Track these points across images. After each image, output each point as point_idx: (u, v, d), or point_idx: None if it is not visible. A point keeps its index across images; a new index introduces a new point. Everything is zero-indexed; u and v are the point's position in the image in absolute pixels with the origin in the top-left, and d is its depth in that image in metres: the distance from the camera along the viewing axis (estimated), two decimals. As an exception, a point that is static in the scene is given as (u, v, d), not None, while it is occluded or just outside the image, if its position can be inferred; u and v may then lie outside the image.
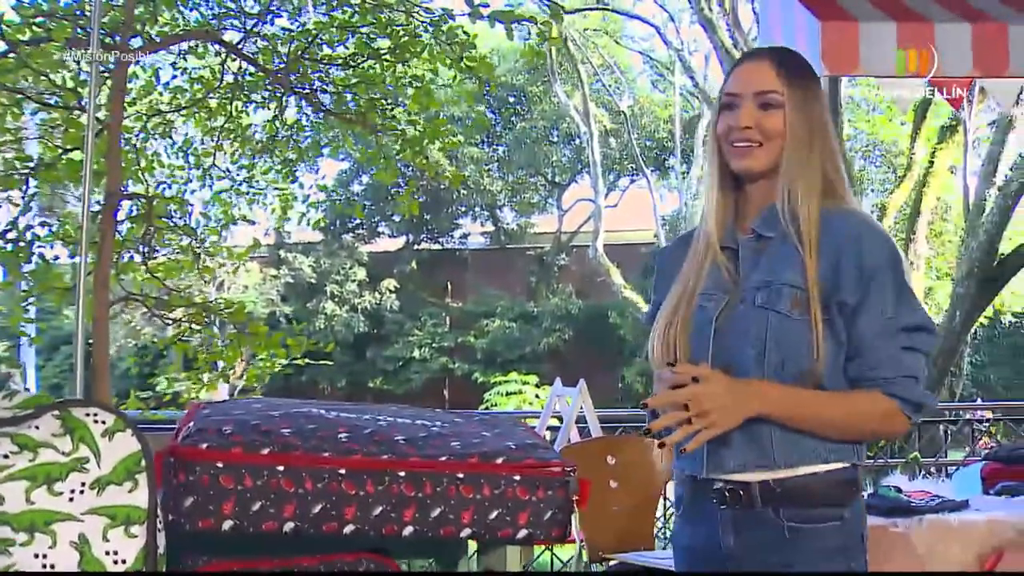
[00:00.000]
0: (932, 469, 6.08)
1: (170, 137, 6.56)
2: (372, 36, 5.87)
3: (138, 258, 5.52)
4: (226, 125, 6.37)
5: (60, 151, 5.53)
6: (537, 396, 20.29)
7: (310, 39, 5.70)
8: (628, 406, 20.70)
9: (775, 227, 2.09)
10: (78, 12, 5.21)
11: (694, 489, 2.09)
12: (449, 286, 26.95)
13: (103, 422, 1.63)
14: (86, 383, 4.19)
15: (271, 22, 6.02)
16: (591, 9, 23.00)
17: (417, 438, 1.80)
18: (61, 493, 1.57)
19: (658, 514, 5.93)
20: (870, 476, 5.63)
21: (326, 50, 5.87)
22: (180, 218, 5.68)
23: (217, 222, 6.66)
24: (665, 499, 6.40)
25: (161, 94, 6.36)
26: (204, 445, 1.68)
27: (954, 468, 5.71)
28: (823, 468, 2.00)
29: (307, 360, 6.59)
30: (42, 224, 5.49)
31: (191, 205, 6.09)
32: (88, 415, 1.62)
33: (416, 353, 24.39)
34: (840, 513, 2.00)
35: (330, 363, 20.15)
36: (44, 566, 1.55)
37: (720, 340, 2.05)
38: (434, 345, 24.59)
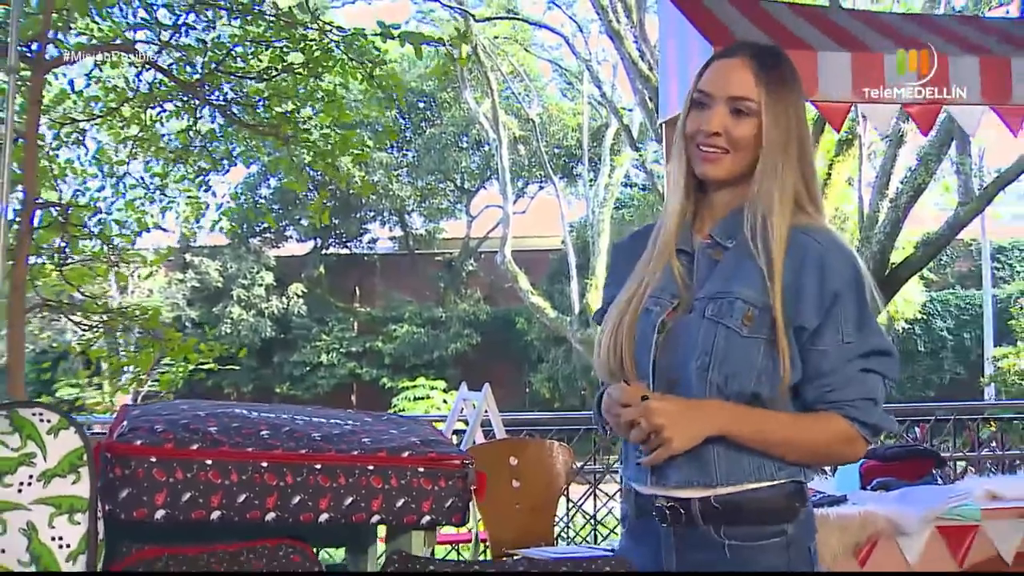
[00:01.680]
0: (825, 468, 6.37)
1: (83, 145, 6.59)
2: (285, 50, 5.97)
3: (50, 264, 5.57)
4: (140, 134, 6.42)
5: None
6: (445, 401, 20.30)
7: (224, 52, 5.79)
8: (535, 410, 20.95)
9: (735, 236, 1.97)
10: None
11: (638, 506, 2.01)
12: (357, 291, 26.89)
13: (48, 421, 1.79)
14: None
15: (186, 33, 6.09)
16: (501, 18, 23.19)
17: (332, 435, 1.98)
18: (11, 485, 1.73)
19: (560, 513, 6.17)
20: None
21: (239, 63, 5.95)
22: (94, 225, 5.74)
23: (129, 229, 6.68)
24: (568, 499, 6.64)
25: (75, 102, 6.39)
26: (138, 442, 1.83)
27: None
28: (766, 484, 1.92)
29: (215, 365, 6.66)
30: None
31: (106, 213, 6.14)
32: (34, 415, 1.78)
33: (323, 358, 24.26)
34: (783, 528, 1.91)
35: (237, 368, 20.01)
36: (-5, 550, 1.71)
37: (664, 349, 1.96)
38: (342, 350, 24.48)
